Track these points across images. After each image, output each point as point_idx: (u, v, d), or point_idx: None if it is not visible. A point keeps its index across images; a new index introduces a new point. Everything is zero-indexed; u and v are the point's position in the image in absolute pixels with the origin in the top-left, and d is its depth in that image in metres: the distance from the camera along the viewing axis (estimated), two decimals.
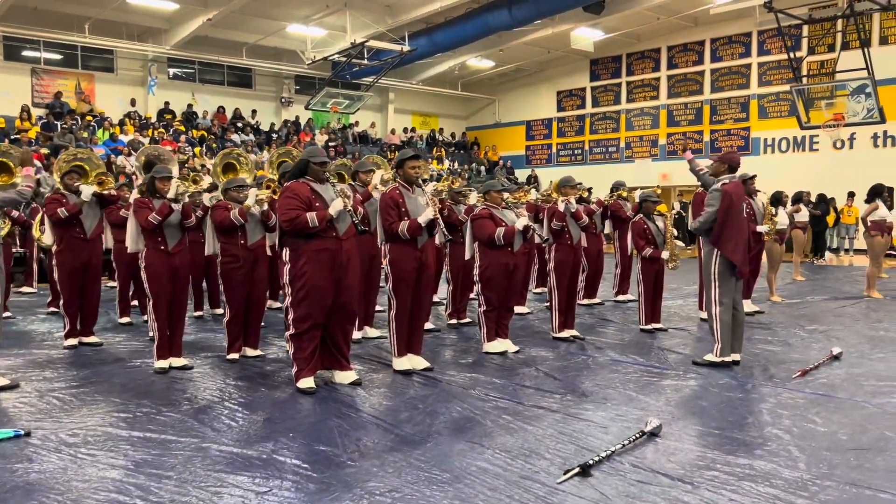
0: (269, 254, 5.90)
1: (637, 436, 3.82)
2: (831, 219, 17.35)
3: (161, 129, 18.49)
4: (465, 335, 6.95)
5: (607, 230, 9.14)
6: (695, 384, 5.04)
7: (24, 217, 8.82)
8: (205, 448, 3.72)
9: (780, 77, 19.13)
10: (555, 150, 24.52)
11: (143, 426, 4.08)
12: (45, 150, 14.76)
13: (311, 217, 4.73)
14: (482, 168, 24.30)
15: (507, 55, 22.26)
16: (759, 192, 8.20)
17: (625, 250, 8.82)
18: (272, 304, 8.06)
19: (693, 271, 8.59)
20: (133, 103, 19.31)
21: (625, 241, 8.46)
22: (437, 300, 8.58)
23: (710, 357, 5.55)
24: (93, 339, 6.44)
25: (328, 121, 22.69)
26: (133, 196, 6.07)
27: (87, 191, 6.18)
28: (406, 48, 18.11)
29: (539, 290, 9.54)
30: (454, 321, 7.46)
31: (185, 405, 4.54)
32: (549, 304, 6.75)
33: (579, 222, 6.58)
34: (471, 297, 7.69)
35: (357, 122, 23.48)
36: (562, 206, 6.48)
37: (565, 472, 3.34)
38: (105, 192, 6.25)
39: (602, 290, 9.61)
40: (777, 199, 9.00)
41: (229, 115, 20.85)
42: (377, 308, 7.03)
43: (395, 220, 5.17)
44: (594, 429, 4.04)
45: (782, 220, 8.86)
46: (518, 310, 8.29)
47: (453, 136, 26.31)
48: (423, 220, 5.15)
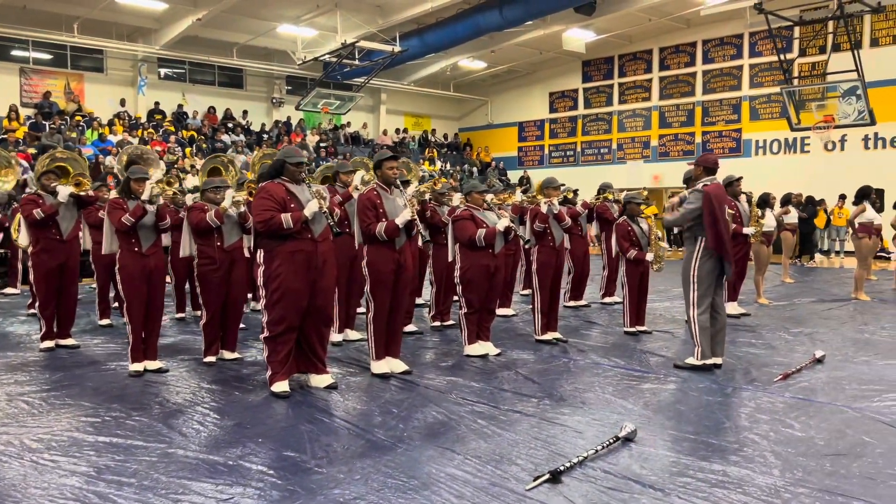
0: (246, 255, 5.83)
1: (611, 441, 3.76)
2: (822, 221, 17.36)
3: (150, 130, 18.40)
4: (448, 337, 6.89)
5: (594, 232, 9.10)
6: (674, 388, 4.99)
7: (5, 218, 8.74)
8: (170, 454, 3.65)
9: (771, 79, 19.13)
10: (547, 151, 24.49)
11: (110, 431, 4.01)
12: (32, 151, 14.65)
13: (286, 218, 4.66)
14: (474, 169, 24.25)
15: (498, 56, 22.24)
16: (745, 193, 8.15)
17: (612, 252, 8.77)
18: (256, 305, 7.99)
19: (680, 273, 8.53)
20: (123, 103, 19.19)
21: (611, 243, 8.41)
22: (421, 302, 8.53)
23: (692, 360, 5.50)
24: (70, 342, 6.36)
25: (319, 121, 22.61)
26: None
27: (64, 191, 6.10)
28: (397, 49, 18.06)
29: (525, 291, 9.49)
30: (437, 323, 7.40)
31: (155, 409, 4.46)
32: (532, 306, 6.70)
33: (562, 224, 6.52)
34: (454, 298, 7.63)
35: (349, 123, 23.41)
36: (544, 208, 6.42)
37: (535, 479, 3.28)
38: (82, 193, 6.17)
39: (589, 291, 9.57)
40: (764, 201, 8.97)
41: (220, 115, 20.75)
42: (359, 310, 6.96)
43: (372, 221, 5.11)
44: (569, 433, 3.98)
45: (769, 222, 8.82)
46: (503, 312, 8.26)
47: (446, 137, 26.26)
48: (400, 221, 5.08)
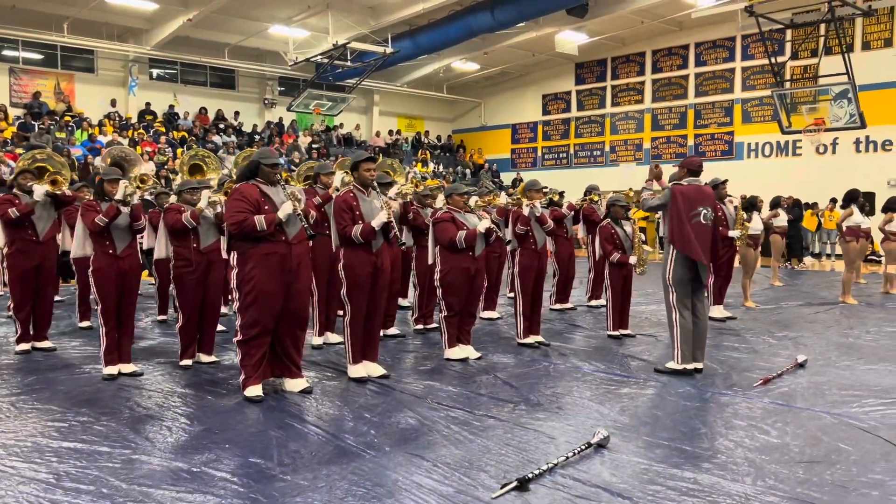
0: (224, 257, 5.76)
1: (583, 447, 3.70)
2: (813, 224, 17.36)
3: (141, 130, 18.31)
4: (430, 341, 6.83)
5: (581, 234, 9.05)
6: (652, 393, 4.93)
7: None
8: (134, 460, 3.58)
9: (763, 82, 19.13)
10: (540, 153, 24.46)
11: (75, 436, 3.94)
12: (20, 151, 14.56)
13: (259, 220, 4.60)
14: (467, 171, 24.21)
15: (491, 58, 22.20)
16: (730, 196, 8.12)
17: (598, 254, 8.72)
18: (226, 310, 7.90)
19: None
20: (114, 104, 19.10)
21: (597, 246, 8.36)
22: (406, 304, 8.47)
23: (672, 365, 5.44)
24: (46, 344, 6.28)
25: (311, 122, 22.54)
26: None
27: (39, 191, 6.03)
28: (389, 50, 18.00)
29: (512, 294, 9.41)
30: (420, 326, 7.33)
31: (125, 414, 4.40)
32: (514, 309, 6.64)
33: (544, 227, 6.47)
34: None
35: (342, 125, 23.34)
36: (526, 210, 6.37)
37: (502, 487, 3.22)
38: (58, 192, 6.09)
39: (577, 294, 9.53)
40: (751, 204, 8.93)
41: (212, 116, 20.67)
42: (340, 313, 6.89)
43: (348, 223, 5.05)
44: (542, 440, 3.93)
45: (755, 225, 8.78)
46: (487, 315, 8.22)
47: (439, 138, 26.21)
48: (376, 223, 5.02)
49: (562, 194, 8.64)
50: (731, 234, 7.92)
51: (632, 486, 3.29)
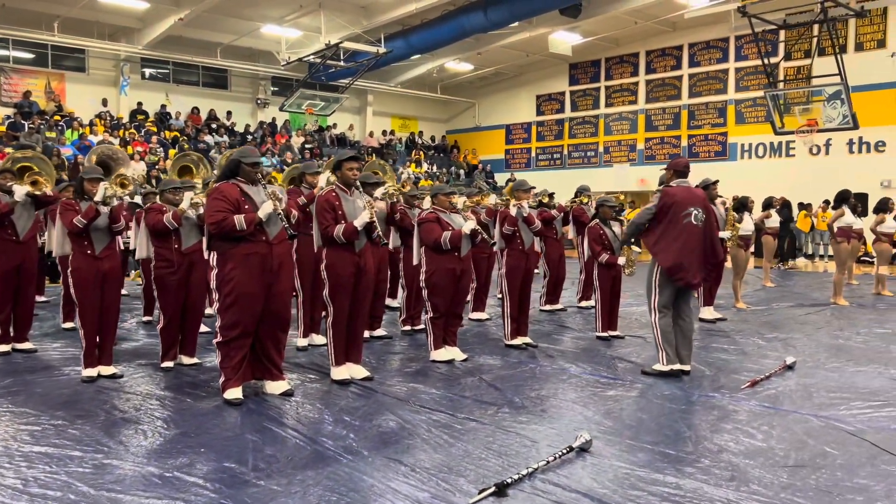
0: (206, 258, 5.68)
1: (564, 451, 3.64)
2: (807, 224, 17.34)
3: (132, 130, 18.21)
4: (417, 342, 6.75)
5: (571, 235, 8.99)
6: (638, 395, 4.87)
7: None
8: (105, 465, 3.50)
9: (757, 82, 19.10)
10: (534, 154, 24.41)
11: (48, 440, 3.86)
12: (9, 150, 14.44)
13: (239, 220, 4.53)
14: (461, 172, 24.15)
15: (485, 58, 22.15)
16: (722, 197, 8.07)
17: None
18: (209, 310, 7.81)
19: None
20: (105, 103, 18.99)
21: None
22: (396, 305, 8.39)
23: (659, 367, 5.39)
24: (27, 346, 6.19)
25: (305, 123, 22.45)
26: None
27: (20, 191, 5.94)
28: (382, 50, 17.94)
29: (500, 294, 9.35)
30: (408, 328, 7.26)
31: (101, 417, 4.32)
32: (502, 310, 6.58)
33: (531, 227, 6.41)
34: None
35: (335, 125, 23.26)
36: (513, 211, 6.31)
37: (480, 492, 3.15)
38: (38, 193, 6.01)
39: (569, 295, 9.47)
40: (742, 205, 8.87)
41: (204, 116, 20.57)
42: (325, 314, 6.81)
43: (330, 223, 4.98)
44: (524, 443, 3.86)
45: (746, 225, 8.73)
46: (476, 315, 8.15)
47: (433, 139, 26.15)
48: (359, 223, 4.95)
49: (551, 195, 8.57)
50: (722, 235, 7.84)
51: (613, 491, 3.22)
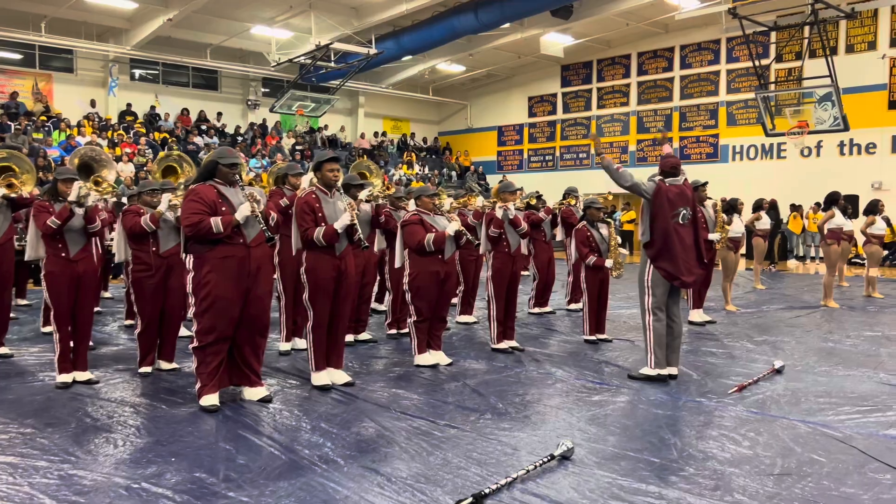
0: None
1: (545, 460, 3.54)
2: (798, 226, 17.31)
3: (121, 132, 18.05)
4: (402, 346, 6.65)
5: (560, 237, 8.91)
6: (624, 400, 4.78)
7: None
8: (71, 476, 3.39)
9: (748, 84, 19.08)
10: (526, 155, 24.35)
11: (14, 450, 3.74)
12: None
13: (216, 222, 4.42)
14: (453, 173, 24.07)
15: (477, 60, 22.08)
16: (711, 199, 8.01)
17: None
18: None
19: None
20: (93, 104, 18.84)
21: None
22: (384, 309, 8.29)
23: (646, 371, 5.31)
24: (2, 350, 6.05)
25: (295, 124, 22.32)
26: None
27: None
28: (373, 51, 17.84)
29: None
30: (394, 331, 7.16)
31: (72, 425, 4.20)
32: (488, 314, 6.49)
33: (517, 229, 6.32)
34: None
35: (326, 126, 23.14)
36: (499, 213, 6.22)
37: (456, 503, 3.06)
38: (13, 195, 5.88)
39: (559, 298, 9.39)
40: (732, 207, 8.81)
41: (194, 117, 20.42)
42: None
43: (310, 225, 4.87)
44: (505, 451, 3.76)
45: (736, 227, 8.66)
46: (464, 319, 8.05)
47: (425, 140, 26.06)
48: (339, 225, 4.85)
49: (539, 197, 8.49)
50: (711, 236, 7.79)
51: (593, 501, 3.13)
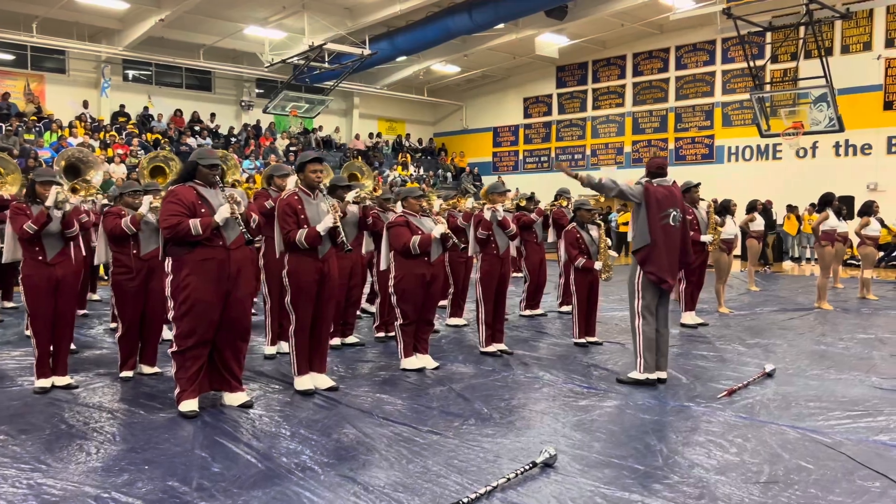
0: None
1: (527, 467, 3.46)
2: (794, 227, 17.26)
3: (113, 133, 17.96)
4: (390, 350, 6.56)
5: (551, 238, 8.83)
6: (611, 405, 4.70)
7: None
8: (40, 485, 3.30)
9: (743, 85, 19.04)
10: (521, 156, 24.29)
11: None
12: None
13: (195, 224, 4.34)
14: (449, 174, 24.00)
15: (472, 60, 22.02)
16: (704, 200, 7.94)
17: None
18: None
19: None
20: (86, 105, 18.74)
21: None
22: (373, 311, 8.20)
23: (635, 374, 5.23)
24: None
25: (289, 125, 22.23)
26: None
27: None
28: (367, 51, 17.76)
29: None
30: (382, 334, 7.07)
31: (46, 431, 4.11)
32: (476, 317, 6.40)
33: (506, 231, 6.24)
34: None
35: (321, 127, 23.06)
36: (488, 214, 6.13)
37: None
38: None
39: (550, 300, 9.31)
40: (725, 208, 8.74)
41: (187, 118, 20.33)
42: None
43: (292, 227, 4.79)
44: (487, 458, 3.68)
45: (729, 229, 8.59)
46: (454, 321, 7.97)
47: (420, 141, 25.99)
48: (321, 228, 4.77)
49: (531, 198, 8.41)
50: (704, 238, 7.73)
51: None
